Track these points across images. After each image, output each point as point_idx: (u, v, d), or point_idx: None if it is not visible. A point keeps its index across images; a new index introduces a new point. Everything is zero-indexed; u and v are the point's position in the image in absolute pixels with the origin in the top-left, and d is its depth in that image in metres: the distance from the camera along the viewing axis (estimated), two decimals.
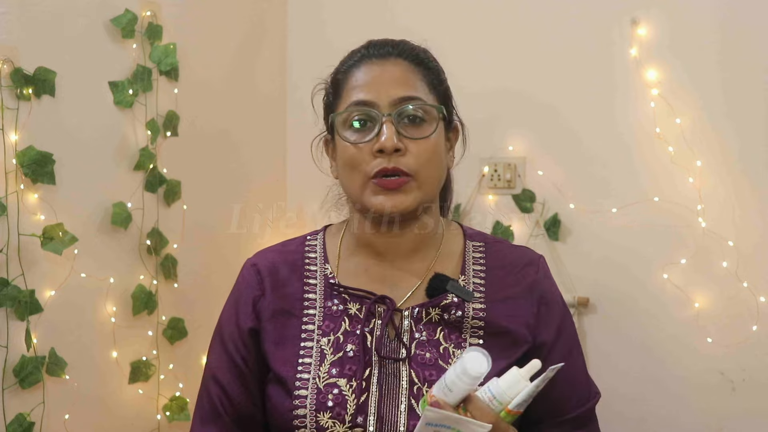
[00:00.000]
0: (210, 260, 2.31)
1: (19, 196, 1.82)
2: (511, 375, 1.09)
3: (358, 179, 1.22)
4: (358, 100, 1.23)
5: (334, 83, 1.30)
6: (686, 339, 2.11)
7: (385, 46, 1.27)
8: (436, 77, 1.30)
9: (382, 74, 1.24)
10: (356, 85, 1.24)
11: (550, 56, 2.26)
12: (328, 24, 2.57)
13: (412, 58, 1.27)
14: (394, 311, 1.23)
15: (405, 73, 1.25)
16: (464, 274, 1.28)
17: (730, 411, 2.07)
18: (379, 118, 1.20)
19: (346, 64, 1.29)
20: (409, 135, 1.21)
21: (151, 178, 2.13)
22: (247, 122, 2.48)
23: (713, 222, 2.07)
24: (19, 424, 1.80)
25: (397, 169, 1.19)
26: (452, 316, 1.23)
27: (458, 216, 2.35)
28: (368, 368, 1.20)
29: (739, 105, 2.05)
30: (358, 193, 1.23)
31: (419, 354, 1.21)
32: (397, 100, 1.22)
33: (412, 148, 1.21)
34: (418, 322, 1.23)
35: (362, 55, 1.28)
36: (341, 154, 1.25)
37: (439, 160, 1.25)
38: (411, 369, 1.19)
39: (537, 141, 2.29)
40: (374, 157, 1.20)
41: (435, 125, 1.24)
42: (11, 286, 1.79)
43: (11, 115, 1.80)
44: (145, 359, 2.13)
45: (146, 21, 2.11)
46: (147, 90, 2.11)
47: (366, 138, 1.21)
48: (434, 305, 1.24)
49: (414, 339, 1.22)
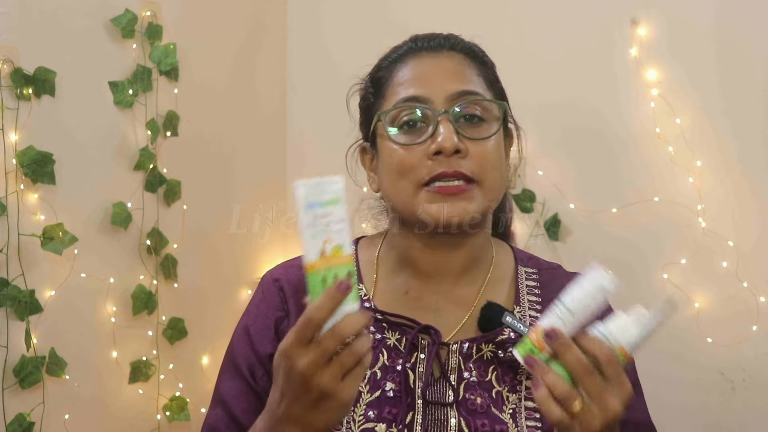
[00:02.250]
0: (210, 260, 2.31)
1: (19, 196, 1.82)
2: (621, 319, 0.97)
3: (409, 187, 1.05)
4: (408, 96, 1.07)
5: (375, 81, 1.14)
6: (686, 339, 2.11)
7: (436, 38, 1.13)
8: (492, 73, 1.17)
9: (435, 67, 1.09)
10: (404, 81, 1.08)
11: (550, 56, 2.26)
12: (328, 24, 2.57)
13: (467, 51, 1.14)
14: (441, 345, 1.06)
15: (461, 67, 1.10)
16: (519, 305, 1.12)
17: (730, 411, 2.07)
18: (435, 116, 1.05)
19: (388, 59, 1.14)
20: (469, 135, 1.05)
21: (151, 178, 2.13)
22: (247, 122, 2.48)
23: (713, 222, 2.07)
24: (19, 424, 1.80)
25: (459, 172, 1.03)
26: (507, 354, 1.06)
27: None
28: (411, 412, 1.03)
29: (738, 105, 2.04)
30: (408, 203, 1.06)
31: (469, 398, 1.04)
32: (455, 94, 1.06)
33: (473, 150, 1.05)
34: (468, 360, 1.06)
35: (409, 48, 1.13)
36: (387, 160, 1.08)
37: (502, 164, 1.10)
38: (460, 416, 1.03)
39: (537, 141, 2.29)
40: (429, 160, 1.04)
41: (497, 125, 1.09)
42: (11, 286, 1.79)
43: (11, 115, 1.80)
44: (145, 359, 2.13)
45: (146, 21, 2.11)
46: (147, 90, 2.11)
47: (418, 140, 1.05)
48: (488, 341, 1.07)
49: (463, 380, 1.05)
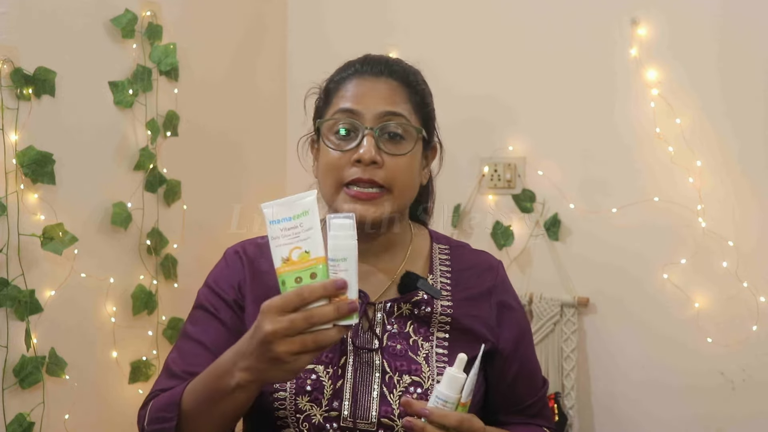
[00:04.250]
0: (210, 260, 2.28)
1: (19, 196, 1.81)
2: (447, 376, 1.15)
3: (333, 184, 1.29)
4: (345, 108, 1.30)
5: (326, 90, 1.38)
6: (686, 339, 2.11)
7: (379, 65, 1.34)
8: (421, 99, 1.36)
9: (372, 90, 1.31)
10: (345, 95, 1.32)
11: (550, 56, 2.26)
12: (328, 24, 2.58)
13: (402, 79, 1.34)
14: (368, 305, 1.31)
15: (393, 92, 1.32)
16: (432, 273, 1.37)
17: (730, 411, 2.07)
18: (362, 130, 1.28)
19: (339, 75, 1.36)
20: (387, 150, 1.28)
21: (151, 178, 2.13)
22: (247, 122, 2.48)
23: (713, 222, 2.07)
24: (19, 424, 1.80)
25: (372, 180, 1.27)
26: (422, 311, 1.31)
27: (458, 216, 2.35)
28: (344, 356, 1.27)
29: (738, 105, 2.05)
30: (331, 198, 1.30)
31: (391, 345, 1.28)
32: (382, 114, 1.29)
33: (389, 162, 1.28)
34: (390, 316, 1.31)
35: (356, 69, 1.35)
36: (322, 157, 1.32)
37: (412, 176, 1.32)
38: (384, 359, 1.27)
39: (537, 141, 2.29)
40: (352, 165, 1.27)
41: (413, 144, 1.31)
42: (11, 286, 1.79)
43: (11, 115, 1.80)
44: (145, 359, 2.13)
45: (146, 21, 2.11)
46: (147, 90, 2.11)
47: (347, 146, 1.29)
48: (405, 301, 1.31)
49: (386, 331, 1.30)
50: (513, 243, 2.29)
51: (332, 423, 1.24)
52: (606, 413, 2.23)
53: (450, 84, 2.42)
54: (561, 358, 2.20)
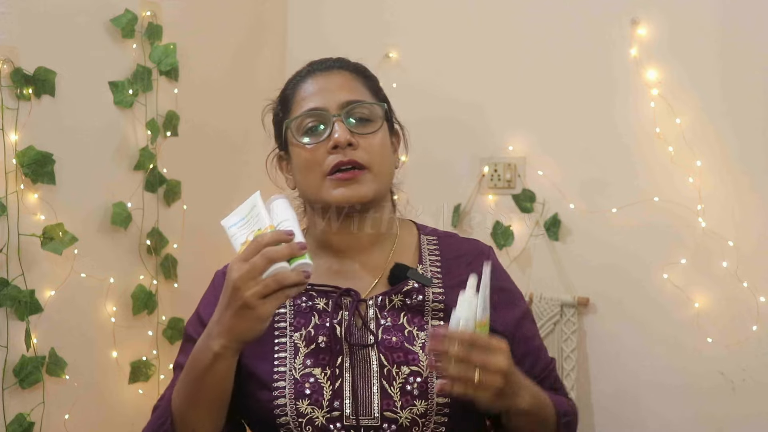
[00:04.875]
0: (210, 260, 2.29)
1: (19, 196, 1.82)
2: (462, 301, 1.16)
3: (316, 178, 1.31)
4: (309, 108, 1.33)
5: (283, 99, 1.42)
6: (686, 339, 2.11)
7: (327, 62, 1.40)
8: (375, 85, 1.41)
9: (328, 83, 1.36)
10: (305, 96, 1.36)
11: (550, 56, 2.26)
12: (328, 24, 2.57)
13: (353, 69, 1.40)
14: (359, 302, 1.31)
15: (349, 81, 1.37)
16: (422, 263, 1.38)
17: (730, 411, 2.07)
18: (331, 120, 1.31)
19: (292, 82, 1.41)
20: (359, 131, 1.32)
21: (151, 178, 2.13)
22: (247, 122, 2.47)
23: (713, 222, 2.07)
24: (19, 424, 1.80)
25: (353, 161, 1.29)
26: (414, 300, 1.32)
27: (458, 216, 2.35)
28: (340, 356, 1.28)
29: (738, 105, 2.04)
30: (317, 191, 1.32)
31: (386, 338, 1.29)
32: (345, 103, 1.33)
33: (363, 143, 1.31)
34: (383, 309, 1.31)
35: (306, 71, 1.40)
36: (297, 160, 1.35)
37: (388, 154, 1.36)
38: (380, 353, 1.27)
39: (537, 141, 2.29)
40: (329, 154, 1.30)
41: (380, 123, 1.35)
42: (11, 286, 1.79)
43: (11, 115, 1.80)
44: (145, 359, 2.13)
45: (146, 21, 2.11)
46: (147, 90, 2.11)
47: (320, 139, 1.31)
48: (396, 292, 1.32)
49: (380, 325, 1.30)
50: (513, 243, 2.29)
51: (335, 423, 1.24)
52: (606, 413, 2.23)
53: (450, 84, 2.42)
54: (561, 358, 2.19)
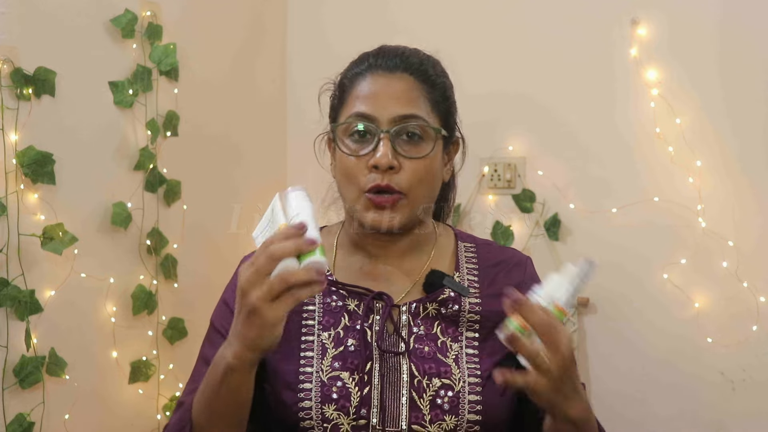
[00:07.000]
0: (210, 260, 2.31)
1: (19, 196, 1.81)
2: (551, 279, 1.12)
3: (354, 191, 1.24)
4: (359, 112, 1.24)
5: (341, 87, 1.31)
6: (686, 339, 2.11)
7: (394, 58, 1.28)
8: (440, 94, 1.30)
9: (386, 88, 1.25)
10: (360, 95, 1.26)
11: (550, 56, 2.26)
12: (328, 24, 2.58)
13: (419, 73, 1.28)
14: (392, 307, 1.26)
15: (409, 90, 1.26)
16: (458, 271, 1.32)
17: (730, 411, 2.07)
18: (378, 133, 1.22)
19: (353, 70, 1.30)
20: (406, 153, 1.23)
21: (151, 178, 2.13)
22: (247, 122, 2.48)
23: (713, 222, 2.07)
24: (19, 424, 1.80)
25: (389, 186, 1.22)
26: (449, 310, 1.26)
27: (458, 216, 2.35)
28: (369, 362, 1.22)
29: (738, 105, 2.05)
30: (352, 204, 1.26)
31: (418, 348, 1.23)
32: (397, 117, 1.23)
33: (407, 166, 1.23)
34: (416, 317, 1.26)
35: (370, 64, 1.28)
36: (339, 161, 1.27)
37: (432, 178, 1.27)
38: (411, 362, 1.22)
39: (537, 141, 2.29)
40: (369, 170, 1.22)
41: (432, 144, 1.25)
42: (11, 286, 1.79)
43: (11, 115, 1.80)
44: (145, 359, 2.13)
45: (146, 21, 2.11)
46: (147, 90, 2.11)
47: (363, 150, 1.23)
48: (431, 300, 1.26)
49: (412, 333, 1.24)
50: (513, 243, 2.29)
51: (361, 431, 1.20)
52: (606, 413, 2.21)
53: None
54: None
